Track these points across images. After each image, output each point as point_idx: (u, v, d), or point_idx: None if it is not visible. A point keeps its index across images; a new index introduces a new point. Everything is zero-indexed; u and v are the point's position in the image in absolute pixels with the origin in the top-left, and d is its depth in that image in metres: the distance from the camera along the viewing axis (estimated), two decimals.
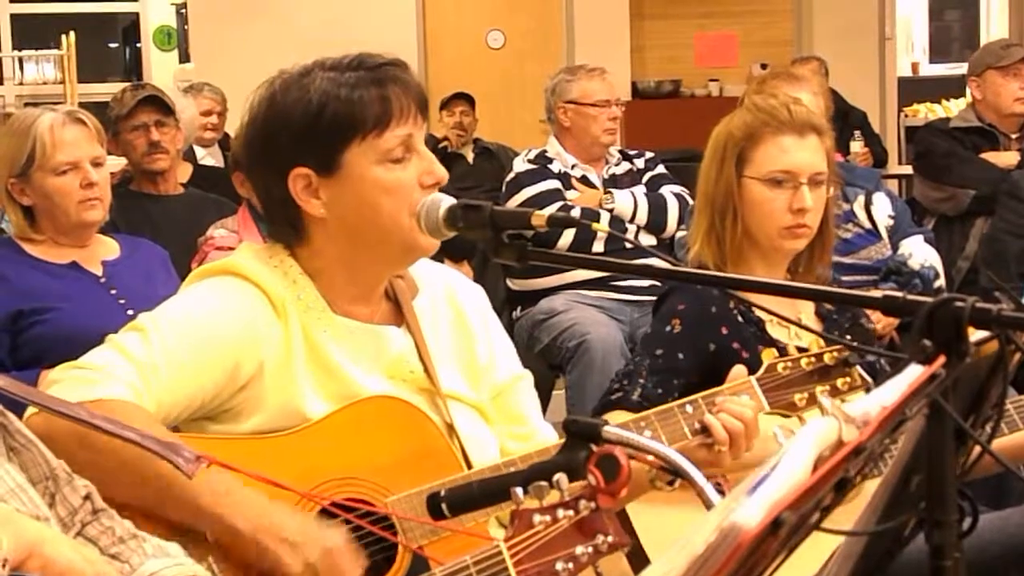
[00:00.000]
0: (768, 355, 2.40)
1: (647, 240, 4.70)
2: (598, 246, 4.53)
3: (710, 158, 2.70)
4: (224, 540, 1.90)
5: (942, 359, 1.20)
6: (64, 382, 1.94)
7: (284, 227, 2.09)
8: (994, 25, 11.30)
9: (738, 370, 2.29)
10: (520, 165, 4.86)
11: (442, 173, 2.04)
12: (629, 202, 4.72)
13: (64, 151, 3.30)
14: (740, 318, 2.59)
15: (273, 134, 2.04)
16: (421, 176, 2.02)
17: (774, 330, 2.60)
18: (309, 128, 2.00)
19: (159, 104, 4.62)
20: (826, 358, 2.31)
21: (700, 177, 2.73)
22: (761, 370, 2.29)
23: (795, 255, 2.68)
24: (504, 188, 4.91)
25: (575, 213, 4.61)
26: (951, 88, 9.73)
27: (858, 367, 2.31)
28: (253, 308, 2.04)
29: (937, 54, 11.59)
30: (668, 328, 2.60)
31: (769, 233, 2.63)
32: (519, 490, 1.66)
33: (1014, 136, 5.25)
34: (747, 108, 2.72)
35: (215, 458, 1.75)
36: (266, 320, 2.03)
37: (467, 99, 7.99)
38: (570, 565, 1.67)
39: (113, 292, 3.34)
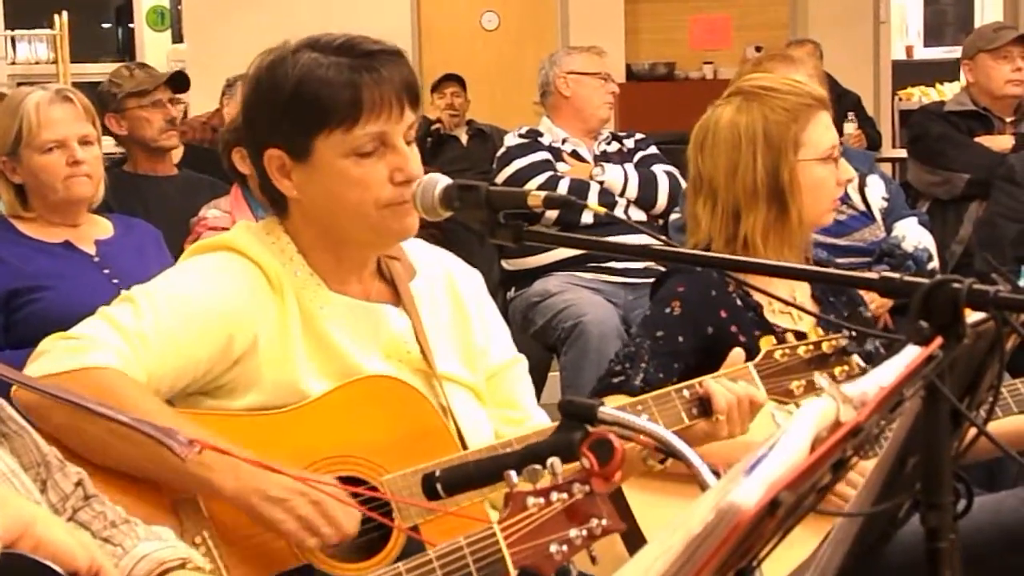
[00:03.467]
0: (766, 343, 2.39)
1: (637, 215, 4.69)
2: (587, 217, 4.53)
3: (743, 151, 2.57)
4: (213, 503, 1.90)
5: (939, 340, 1.19)
6: (51, 352, 1.93)
7: (271, 201, 2.09)
8: (988, 9, 11.26)
9: (736, 353, 2.28)
10: (511, 140, 4.89)
11: (416, 171, 1.98)
12: (619, 175, 4.71)
13: (50, 129, 3.29)
14: (739, 302, 2.57)
15: (253, 111, 2.04)
16: (392, 172, 1.97)
17: (772, 315, 2.59)
18: (283, 111, 1.98)
19: (176, 81, 4.67)
20: (824, 347, 2.31)
21: (723, 172, 2.60)
22: (759, 357, 2.28)
23: None
24: (495, 163, 4.92)
25: (564, 183, 4.62)
26: (945, 72, 9.69)
27: (856, 356, 2.31)
28: (248, 283, 2.03)
29: (932, 38, 11.55)
30: (668, 310, 2.57)
31: (821, 210, 2.63)
32: (513, 473, 1.66)
33: (1008, 120, 5.24)
34: (765, 94, 2.59)
35: (208, 442, 1.74)
36: (262, 295, 2.02)
37: (458, 80, 7.96)
38: (564, 548, 1.68)
39: (107, 271, 3.33)
